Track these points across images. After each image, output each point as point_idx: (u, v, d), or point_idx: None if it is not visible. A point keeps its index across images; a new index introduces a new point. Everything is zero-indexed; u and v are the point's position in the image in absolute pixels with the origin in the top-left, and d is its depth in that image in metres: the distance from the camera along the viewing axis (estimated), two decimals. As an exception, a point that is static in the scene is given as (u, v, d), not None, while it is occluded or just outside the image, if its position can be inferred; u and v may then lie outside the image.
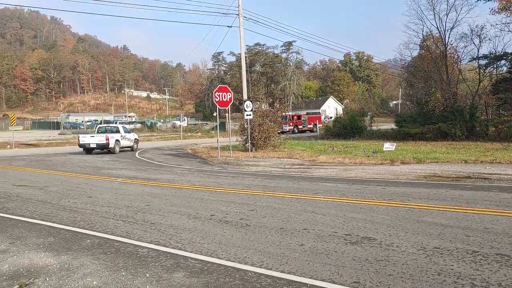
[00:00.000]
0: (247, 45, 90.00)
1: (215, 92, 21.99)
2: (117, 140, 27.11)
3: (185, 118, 74.99)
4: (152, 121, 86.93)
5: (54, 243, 6.24)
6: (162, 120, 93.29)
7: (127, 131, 30.43)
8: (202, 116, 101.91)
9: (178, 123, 70.06)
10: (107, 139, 26.00)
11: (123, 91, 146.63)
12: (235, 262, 5.13)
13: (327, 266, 4.92)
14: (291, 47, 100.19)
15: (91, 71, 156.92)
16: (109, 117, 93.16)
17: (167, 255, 5.49)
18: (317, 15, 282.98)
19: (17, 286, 4.64)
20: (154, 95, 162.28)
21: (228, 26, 29.38)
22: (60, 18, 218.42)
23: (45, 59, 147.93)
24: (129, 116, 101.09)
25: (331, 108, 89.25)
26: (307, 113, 61.79)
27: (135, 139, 30.48)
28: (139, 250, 5.76)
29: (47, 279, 4.77)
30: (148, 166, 18.60)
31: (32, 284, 4.65)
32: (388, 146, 21.37)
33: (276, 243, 5.88)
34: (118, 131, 28.40)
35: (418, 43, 35.66)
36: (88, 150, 26.65)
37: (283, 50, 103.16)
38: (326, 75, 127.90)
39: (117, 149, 27.17)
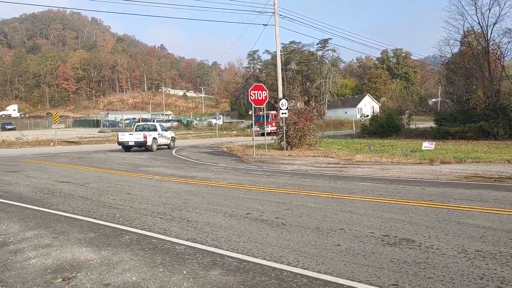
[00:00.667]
0: (282, 43, 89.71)
1: (250, 91, 22.04)
2: (154, 138, 27.53)
3: (221, 116, 75.51)
4: (188, 119, 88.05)
5: (94, 238, 6.41)
6: (198, 118, 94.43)
7: (164, 129, 30.80)
8: (237, 114, 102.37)
9: (213, 121, 70.68)
10: (145, 137, 26.54)
11: (160, 89, 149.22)
12: (271, 261, 5.13)
13: (364, 267, 4.85)
14: (327, 45, 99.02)
15: (129, 70, 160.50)
16: (147, 116, 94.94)
17: (204, 253, 5.55)
18: (354, 11, 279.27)
19: (60, 279, 4.79)
20: (190, 94, 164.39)
21: (263, 25, 29.40)
22: (100, 19, 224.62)
23: (86, 59, 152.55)
24: (166, 114, 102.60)
25: (368, 106, 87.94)
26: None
27: (172, 137, 30.99)
28: (176, 247, 5.85)
29: (89, 274, 4.91)
30: (184, 164, 18.86)
31: (75, 278, 4.79)
32: (427, 145, 20.87)
33: (312, 243, 5.85)
34: (155, 129, 28.81)
35: (459, 39, 34.66)
36: (126, 147, 27.34)
37: (319, 48, 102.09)
38: (363, 72, 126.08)
39: (155, 147, 27.68)
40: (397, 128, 35.06)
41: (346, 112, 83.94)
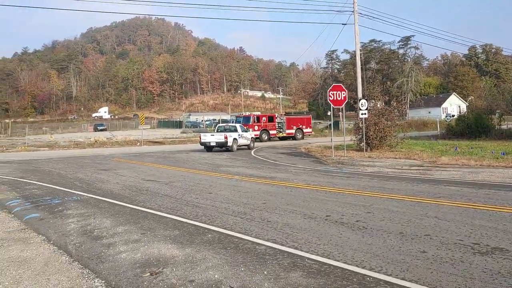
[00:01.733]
0: (361, 42, 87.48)
1: (329, 91, 21.79)
2: (234, 139, 28.28)
3: (299, 117, 75.29)
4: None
5: (179, 235, 6.67)
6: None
7: (244, 130, 31.53)
8: (315, 115, 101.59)
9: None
10: (226, 138, 27.38)
11: (239, 91, 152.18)
12: (352, 265, 5.04)
13: (452, 277, 4.60)
14: (409, 42, 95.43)
15: (210, 73, 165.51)
16: (226, 117, 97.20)
17: (284, 254, 5.56)
18: (438, 7, 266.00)
19: (148, 273, 5.05)
20: (268, 95, 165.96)
21: (342, 24, 29.05)
22: (183, 24, 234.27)
23: (170, 62, 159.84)
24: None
25: (453, 105, 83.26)
26: (286, 114, 49.36)
27: (252, 137, 31.68)
28: (257, 247, 5.92)
29: (174, 270, 5.12)
30: (263, 164, 19.07)
31: (161, 273, 5.02)
32: (522, 147, 19.34)
33: (395, 248, 5.65)
34: (236, 130, 29.62)
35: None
36: (208, 148, 28.31)
37: (400, 46, 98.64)
38: (448, 70, 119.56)
39: (235, 147, 28.47)
40: (486, 128, 32.86)
41: (429, 112, 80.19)
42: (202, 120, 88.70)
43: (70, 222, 7.84)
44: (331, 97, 21.64)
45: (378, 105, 26.27)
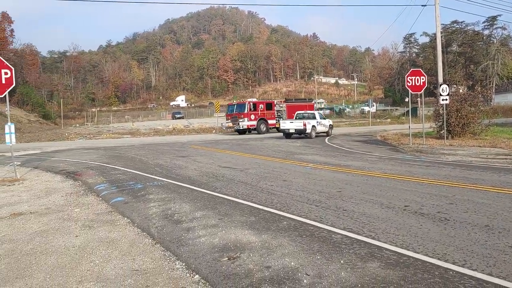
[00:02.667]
0: (442, 24, 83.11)
1: (407, 76, 20.95)
2: (313, 126, 28.85)
3: (374, 103, 73.34)
4: (341, 107, 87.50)
5: (255, 222, 6.79)
6: (350, 106, 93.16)
7: (322, 117, 31.88)
8: (391, 101, 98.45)
9: (366, 108, 69.03)
10: (304, 125, 28.05)
11: (312, 78, 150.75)
12: (433, 258, 4.84)
13: (546, 274, 4.28)
14: (495, 22, 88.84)
15: (283, 60, 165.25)
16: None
17: (361, 243, 5.48)
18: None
19: (226, 258, 5.19)
20: (342, 81, 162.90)
21: (422, 5, 27.54)
22: (256, 12, 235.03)
23: (243, 51, 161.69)
24: (318, 103, 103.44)
25: (547, 90, 76.75)
26: (286, 100, 41.58)
27: (330, 125, 31.98)
28: (333, 235, 5.88)
29: (251, 255, 5.22)
30: (337, 152, 18.81)
31: (239, 258, 5.15)
32: None
33: (480, 242, 5.36)
34: (314, 118, 30.11)
35: None
36: (287, 135, 29.18)
37: (486, 27, 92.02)
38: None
39: (313, 134, 29.05)
40: None
41: (518, 97, 74.52)
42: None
43: (152, 206, 8.25)
44: (409, 83, 20.81)
45: (461, 90, 24.82)
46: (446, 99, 21.12)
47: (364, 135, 31.30)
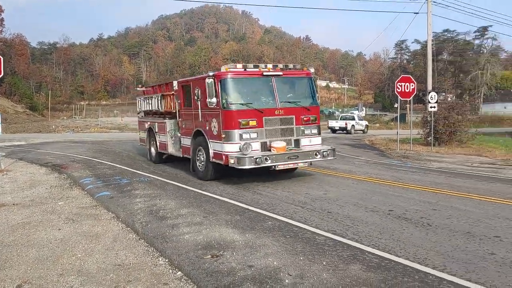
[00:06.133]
0: (434, 32, 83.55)
1: (397, 83, 21.10)
2: (352, 125, 38.64)
3: (364, 108, 73.66)
4: (330, 110, 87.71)
5: (240, 221, 6.80)
6: (340, 110, 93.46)
7: (360, 118, 42.10)
8: (381, 106, 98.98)
9: (356, 113, 69.35)
10: (346, 124, 38.36)
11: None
12: (414, 262, 4.91)
13: (523, 282, 4.36)
14: (486, 33, 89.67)
15: (275, 61, 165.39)
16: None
17: (344, 246, 5.53)
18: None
19: (210, 256, 5.21)
20: (333, 85, 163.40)
21: (414, 13, 27.75)
22: (250, 12, 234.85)
23: (236, 50, 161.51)
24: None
25: (535, 101, 77.83)
26: None
27: (366, 125, 41.71)
28: (316, 237, 5.92)
29: (234, 254, 5.24)
30: (325, 155, 18.85)
31: (222, 256, 5.16)
32: None
33: (461, 248, 5.44)
34: (353, 119, 39.95)
35: None
36: (333, 131, 38.96)
37: (476, 36, 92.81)
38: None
39: (353, 131, 38.23)
40: None
41: (505, 107, 75.48)
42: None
43: (138, 201, 8.23)
44: (399, 89, 20.96)
45: (449, 99, 25.09)
46: (434, 107, 21.30)
47: (352, 139, 31.44)
